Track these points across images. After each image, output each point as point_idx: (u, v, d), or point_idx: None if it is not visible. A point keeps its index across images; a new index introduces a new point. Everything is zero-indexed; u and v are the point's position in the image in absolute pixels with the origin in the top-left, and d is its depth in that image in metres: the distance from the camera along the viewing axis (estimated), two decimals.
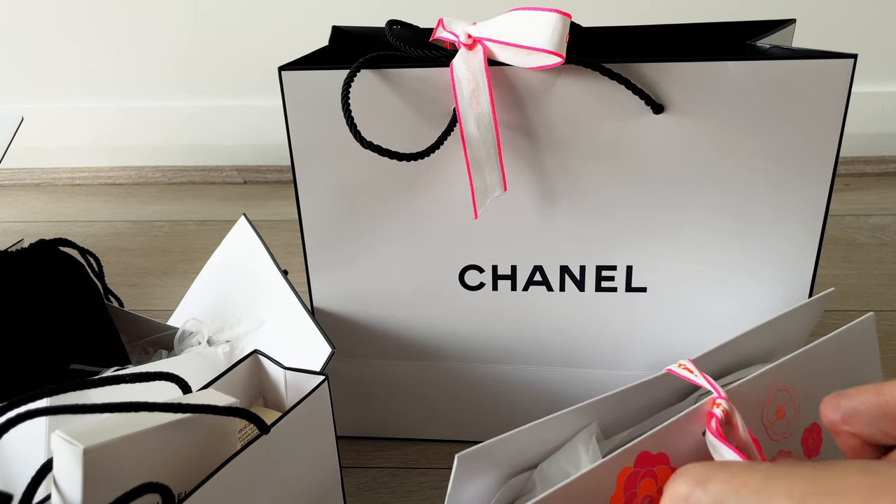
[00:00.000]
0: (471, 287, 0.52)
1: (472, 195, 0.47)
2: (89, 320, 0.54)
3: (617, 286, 0.51)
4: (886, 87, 1.12)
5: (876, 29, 1.09)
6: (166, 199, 1.20)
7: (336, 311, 0.54)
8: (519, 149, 0.47)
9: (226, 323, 0.55)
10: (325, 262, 0.52)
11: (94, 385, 0.33)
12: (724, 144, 0.46)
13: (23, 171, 1.28)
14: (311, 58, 0.55)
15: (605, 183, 0.48)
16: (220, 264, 0.62)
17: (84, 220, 1.12)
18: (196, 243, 1.02)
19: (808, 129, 0.45)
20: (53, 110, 1.24)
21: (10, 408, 0.31)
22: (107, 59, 1.21)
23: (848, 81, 0.43)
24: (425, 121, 0.47)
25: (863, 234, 0.96)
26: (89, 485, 0.29)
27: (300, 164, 0.49)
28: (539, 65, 0.43)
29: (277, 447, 0.37)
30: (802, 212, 0.47)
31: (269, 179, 1.26)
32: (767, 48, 0.55)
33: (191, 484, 0.33)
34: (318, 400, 0.40)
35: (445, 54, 0.45)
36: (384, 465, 0.58)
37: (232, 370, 0.42)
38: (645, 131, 0.46)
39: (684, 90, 0.44)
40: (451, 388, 0.57)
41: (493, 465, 0.34)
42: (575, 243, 0.50)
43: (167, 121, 1.24)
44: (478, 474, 0.34)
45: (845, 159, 1.16)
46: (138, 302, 0.84)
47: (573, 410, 0.34)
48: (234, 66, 1.19)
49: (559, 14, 0.42)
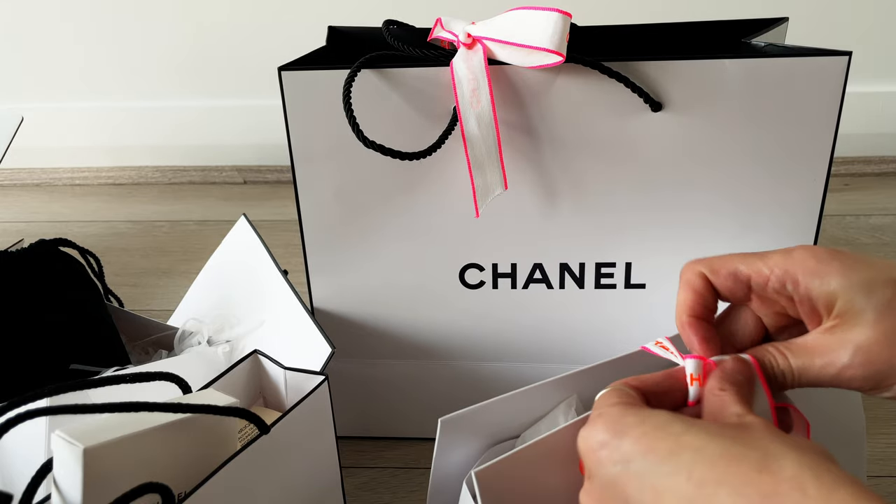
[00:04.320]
0: (471, 285, 0.52)
1: (473, 194, 0.47)
2: (89, 320, 0.54)
3: (616, 283, 0.51)
4: (886, 87, 1.12)
5: (876, 29, 1.09)
6: (166, 199, 1.20)
7: (336, 311, 0.54)
8: (519, 147, 0.47)
9: (226, 323, 0.55)
10: (325, 262, 0.52)
11: (94, 385, 0.33)
12: (721, 141, 0.46)
13: (23, 171, 1.28)
14: (310, 58, 0.55)
15: (605, 180, 0.48)
16: (220, 264, 0.62)
17: (84, 220, 1.12)
18: (196, 243, 1.01)
19: (804, 126, 0.45)
20: (53, 110, 1.24)
21: (10, 408, 0.31)
22: (107, 60, 1.21)
23: (843, 79, 0.43)
24: (426, 120, 0.47)
25: (863, 234, 0.96)
26: (89, 485, 0.29)
27: (300, 164, 0.49)
28: (539, 64, 0.43)
29: (277, 447, 0.37)
30: (798, 208, 0.47)
31: (269, 179, 1.26)
32: (763, 46, 0.55)
33: (191, 484, 0.33)
34: (318, 400, 0.40)
35: (445, 54, 0.46)
36: (384, 465, 0.58)
37: (232, 370, 0.42)
38: (643, 129, 0.46)
39: (682, 88, 0.45)
40: (452, 387, 0.57)
41: (476, 431, 0.35)
42: (575, 240, 0.50)
43: (167, 121, 1.24)
44: (462, 440, 0.34)
45: (845, 159, 1.16)
46: (138, 302, 0.84)
47: (553, 381, 0.35)
48: (234, 66, 1.19)
49: (559, 13, 0.42)
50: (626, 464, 0.25)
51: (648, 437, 0.25)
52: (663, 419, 0.26)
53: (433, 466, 0.35)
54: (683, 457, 0.24)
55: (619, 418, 0.27)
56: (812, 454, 0.23)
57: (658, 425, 0.25)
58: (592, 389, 0.37)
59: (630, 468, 0.25)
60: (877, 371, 0.27)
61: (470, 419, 0.34)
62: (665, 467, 0.24)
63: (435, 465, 0.35)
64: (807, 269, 0.28)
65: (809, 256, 0.29)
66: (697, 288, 0.31)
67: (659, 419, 0.26)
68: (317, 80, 0.46)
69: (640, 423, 0.26)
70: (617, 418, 0.27)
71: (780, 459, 0.23)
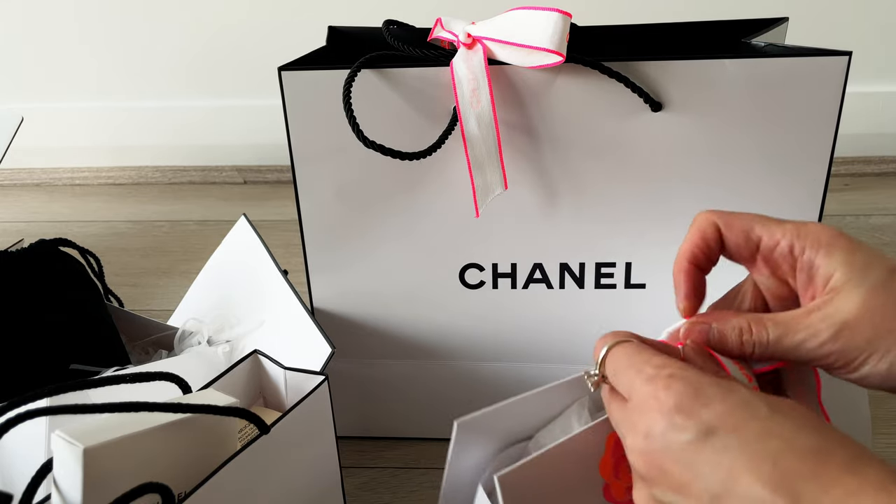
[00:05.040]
0: (471, 285, 0.52)
1: (473, 194, 0.47)
2: (89, 320, 0.54)
3: (616, 283, 0.51)
4: (886, 87, 1.12)
5: (876, 29, 1.09)
6: (166, 199, 1.20)
7: (336, 311, 0.54)
8: (519, 147, 0.47)
9: (226, 323, 0.55)
10: (325, 262, 0.52)
11: (94, 385, 0.33)
12: (721, 141, 0.46)
13: (23, 171, 1.28)
14: (310, 58, 0.55)
15: (605, 180, 0.48)
16: (220, 264, 0.62)
17: (84, 220, 1.12)
18: (196, 243, 1.01)
19: (804, 126, 0.45)
20: (54, 110, 1.24)
21: (10, 408, 0.31)
22: (107, 60, 1.21)
23: (843, 78, 0.43)
24: (426, 120, 0.47)
25: (863, 234, 0.96)
26: (89, 485, 0.29)
27: (300, 164, 0.49)
28: (539, 64, 0.43)
29: (277, 447, 0.37)
30: (798, 208, 0.47)
31: (269, 179, 1.26)
32: (763, 46, 0.55)
33: (191, 484, 0.33)
34: (317, 400, 0.40)
35: (445, 54, 0.46)
36: (384, 465, 0.58)
37: (232, 370, 0.42)
38: (643, 129, 0.46)
39: (682, 88, 0.45)
40: (452, 387, 0.57)
41: (490, 433, 0.35)
42: (575, 240, 0.50)
43: (167, 121, 1.24)
44: (476, 442, 0.35)
45: (845, 159, 1.16)
46: (138, 302, 0.84)
47: (566, 382, 0.35)
48: (235, 66, 1.19)
49: (559, 13, 0.42)
50: (706, 435, 0.24)
51: (735, 415, 0.24)
52: (746, 396, 0.25)
53: (447, 468, 0.35)
54: (772, 444, 0.23)
55: (699, 386, 0.26)
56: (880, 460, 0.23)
57: (742, 403, 0.25)
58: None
59: (709, 441, 0.24)
60: (854, 347, 0.27)
61: (486, 421, 0.34)
62: (750, 450, 0.23)
63: (449, 467, 0.35)
64: (816, 240, 0.29)
65: (821, 230, 0.30)
66: (707, 237, 0.31)
67: (741, 395, 0.25)
68: (317, 80, 0.46)
69: (723, 397, 0.25)
70: (696, 385, 0.26)
71: (867, 462, 0.23)
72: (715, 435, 0.24)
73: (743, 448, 0.24)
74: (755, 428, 0.24)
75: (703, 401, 0.25)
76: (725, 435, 0.24)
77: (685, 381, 0.26)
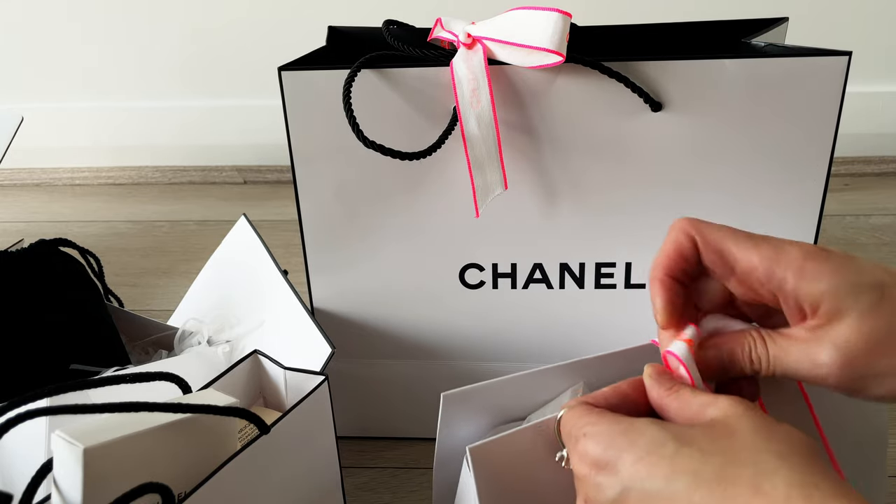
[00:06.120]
0: (471, 286, 0.52)
1: (473, 194, 0.47)
2: (89, 320, 0.54)
3: (616, 283, 0.51)
4: (886, 87, 1.12)
5: (876, 29, 1.09)
6: (166, 199, 1.20)
7: (336, 311, 0.54)
8: (519, 147, 0.47)
9: (226, 323, 0.55)
10: (325, 262, 0.52)
11: (94, 385, 0.33)
12: (721, 141, 0.46)
13: (23, 171, 1.28)
14: (310, 58, 0.55)
15: (605, 180, 0.48)
16: (220, 264, 0.62)
17: (84, 220, 1.12)
18: (196, 243, 1.01)
19: (804, 126, 0.45)
20: (54, 110, 1.24)
21: (10, 408, 0.31)
22: (107, 60, 1.21)
23: (843, 78, 0.43)
24: (425, 120, 0.47)
25: (863, 235, 0.96)
26: (89, 485, 0.29)
27: (300, 164, 0.49)
28: (539, 64, 0.43)
29: (277, 447, 0.37)
30: (798, 208, 0.48)
31: (269, 179, 1.26)
32: (763, 46, 0.55)
33: (191, 484, 0.33)
34: (317, 400, 0.40)
35: (445, 54, 0.46)
36: (384, 465, 0.58)
37: (232, 370, 0.42)
38: (643, 129, 0.46)
39: (682, 88, 0.45)
40: (451, 387, 0.56)
41: (479, 409, 0.36)
42: (575, 240, 0.50)
43: (167, 121, 1.24)
44: (465, 416, 0.35)
45: (845, 159, 1.16)
46: (138, 302, 0.84)
47: (561, 366, 0.36)
48: (235, 66, 1.19)
49: (559, 13, 0.42)
50: (627, 491, 0.25)
51: (644, 461, 0.25)
52: (652, 437, 0.26)
53: (437, 440, 0.36)
54: (681, 482, 0.24)
55: (611, 438, 0.27)
56: (800, 461, 0.24)
57: (650, 448, 0.26)
58: (599, 378, 0.38)
59: (630, 496, 0.25)
60: (855, 372, 0.27)
61: (472, 396, 0.35)
62: (665, 493, 0.24)
63: (439, 439, 0.36)
64: (797, 268, 0.28)
65: (801, 255, 0.28)
66: (683, 250, 0.30)
67: (648, 438, 0.26)
68: (317, 80, 0.46)
69: (630, 445, 0.26)
70: (607, 439, 0.27)
71: (772, 477, 0.23)
72: (632, 488, 0.25)
73: (658, 494, 0.25)
74: (663, 471, 0.25)
75: (615, 453, 0.26)
76: (640, 487, 0.25)
77: (596, 439, 0.27)
